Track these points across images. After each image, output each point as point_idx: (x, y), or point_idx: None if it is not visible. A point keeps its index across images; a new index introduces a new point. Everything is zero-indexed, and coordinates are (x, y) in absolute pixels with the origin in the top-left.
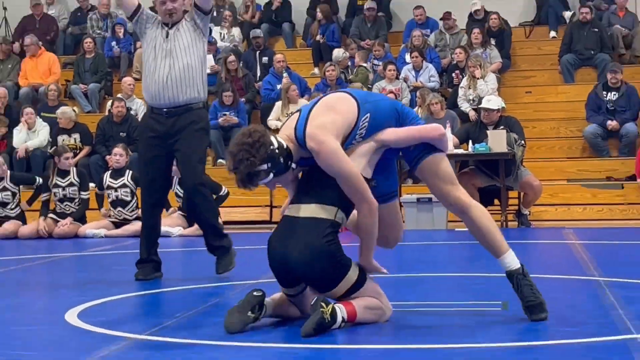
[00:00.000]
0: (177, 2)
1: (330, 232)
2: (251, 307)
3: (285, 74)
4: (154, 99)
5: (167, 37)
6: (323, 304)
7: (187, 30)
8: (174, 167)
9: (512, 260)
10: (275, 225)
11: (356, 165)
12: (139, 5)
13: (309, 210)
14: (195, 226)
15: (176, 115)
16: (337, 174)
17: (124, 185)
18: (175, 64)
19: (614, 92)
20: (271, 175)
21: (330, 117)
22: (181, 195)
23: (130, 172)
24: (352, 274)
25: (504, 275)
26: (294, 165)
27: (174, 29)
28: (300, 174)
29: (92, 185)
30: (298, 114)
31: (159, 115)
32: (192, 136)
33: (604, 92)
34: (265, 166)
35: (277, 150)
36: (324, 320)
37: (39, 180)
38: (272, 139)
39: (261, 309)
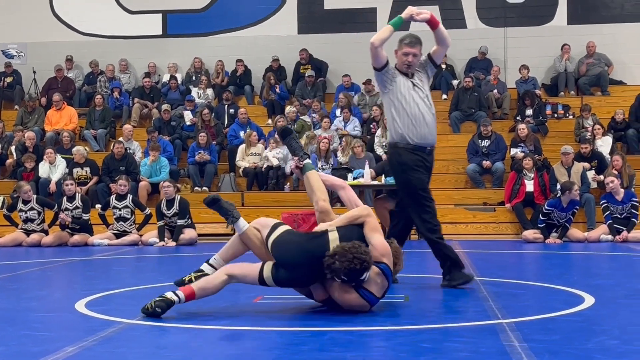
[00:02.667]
0: (417, 57)
1: None
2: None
3: (249, 129)
4: (424, 139)
5: (413, 86)
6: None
7: (423, 80)
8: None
9: None
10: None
11: None
12: (387, 61)
13: None
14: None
15: (431, 153)
16: None
17: (126, 207)
18: (431, 110)
19: (487, 140)
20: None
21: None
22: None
23: (131, 196)
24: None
25: (409, 275)
26: None
27: (416, 79)
28: None
29: (98, 205)
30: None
31: (423, 152)
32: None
33: (479, 140)
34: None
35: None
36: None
37: (57, 207)
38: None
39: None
